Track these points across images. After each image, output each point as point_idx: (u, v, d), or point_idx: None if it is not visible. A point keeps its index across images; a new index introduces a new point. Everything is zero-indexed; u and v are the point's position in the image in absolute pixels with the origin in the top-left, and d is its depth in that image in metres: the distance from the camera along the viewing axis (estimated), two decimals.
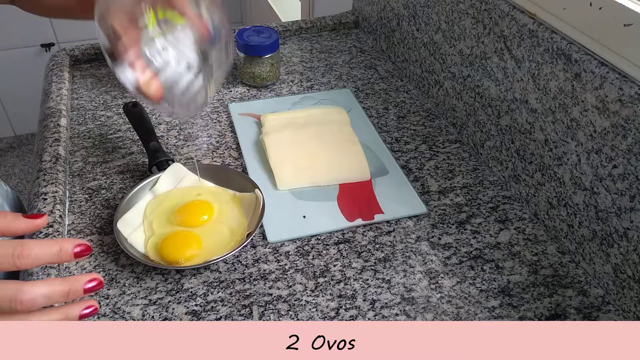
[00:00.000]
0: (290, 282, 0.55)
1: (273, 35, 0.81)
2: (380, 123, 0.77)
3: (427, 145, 0.73)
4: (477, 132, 0.71)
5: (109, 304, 0.53)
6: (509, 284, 0.55)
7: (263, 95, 0.83)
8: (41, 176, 0.64)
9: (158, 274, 0.56)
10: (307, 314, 0.52)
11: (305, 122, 0.75)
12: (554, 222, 0.60)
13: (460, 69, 0.72)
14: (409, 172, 0.69)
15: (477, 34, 0.67)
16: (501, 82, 0.64)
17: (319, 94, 0.83)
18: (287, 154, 0.69)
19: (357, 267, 0.57)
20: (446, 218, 0.63)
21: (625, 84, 0.49)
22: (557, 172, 0.58)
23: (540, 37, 0.57)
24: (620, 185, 0.50)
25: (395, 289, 0.55)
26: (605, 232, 0.53)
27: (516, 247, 0.59)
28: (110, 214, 0.62)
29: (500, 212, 0.64)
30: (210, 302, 0.53)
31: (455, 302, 0.54)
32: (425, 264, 0.57)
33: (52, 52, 0.91)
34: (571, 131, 0.55)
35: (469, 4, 0.67)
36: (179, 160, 0.69)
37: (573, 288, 0.55)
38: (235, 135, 0.74)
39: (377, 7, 0.93)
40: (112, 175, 0.67)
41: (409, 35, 0.84)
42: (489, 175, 0.69)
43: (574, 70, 0.53)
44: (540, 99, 0.59)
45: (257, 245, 0.59)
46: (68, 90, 0.81)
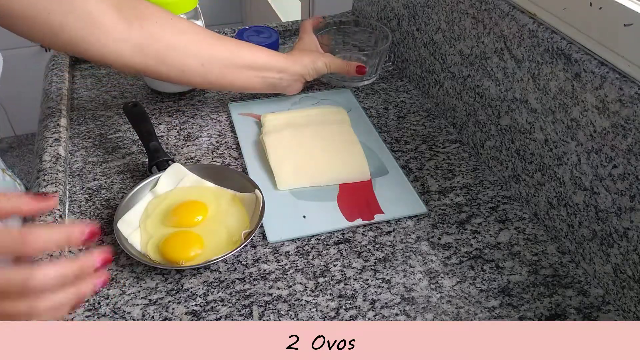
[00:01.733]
0: (290, 282, 0.55)
1: (273, 35, 0.81)
2: (380, 123, 0.77)
3: (427, 145, 0.73)
4: (477, 132, 0.71)
5: (109, 304, 0.53)
6: (509, 284, 0.55)
7: (263, 95, 0.83)
8: (41, 176, 0.64)
9: (158, 274, 0.56)
10: (307, 314, 0.52)
11: (305, 122, 0.75)
12: (554, 222, 0.60)
13: (460, 69, 0.72)
14: (409, 172, 0.69)
15: (477, 34, 0.67)
16: (501, 82, 0.64)
17: (319, 94, 0.83)
18: (287, 154, 0.69)
19: (357, 267, 0.57)
20: (446, 218, 0.63)
21: (625, 84, 0.49)
22: (557, 172, 0.58)
23: (540, 37, 0.57)
24: (620, 185, 0.50)
25: (395, 289, 0.55)
26: (605, 232, 0.53)
27: (516, 247, 0.59)
28: (110, 214, 0.62)
29: (500, 212, 0.64)
30: (210, 302, 0.53)
31: (455, 302, 0.54)
32: (425, 264, 0.57)
33: (52, 52, 0.91)
34: (571, 131, 0.55)
35: (469, 4, 0.67)
36: (179, 160, 0.69)
37: (573, 288, 0.55)
38: (235, 135, 0.74)
39: (377, 7, 0.93)
40: (112, 175, 0.67)
41: (409, 35, 0.84)
42: (489, 175, 0.69)
43: (574, 70, 0.53)
44: (540, 99, 0.59)
45: (257, 245, 0.59)
46: (68, 90, 0.81)
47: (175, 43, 0.64)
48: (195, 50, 0.66)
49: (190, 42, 0.65)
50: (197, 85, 0.76)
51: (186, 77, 0.67)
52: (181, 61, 0.65)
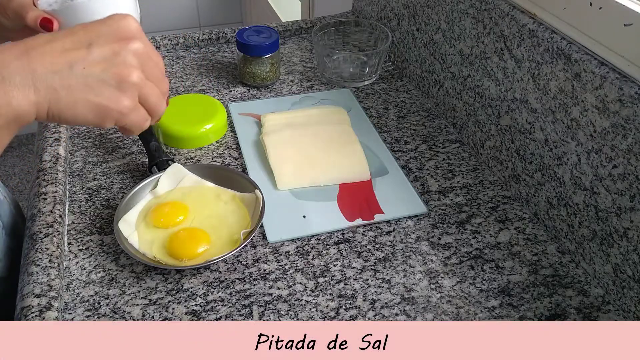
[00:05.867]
0: (290, 282, 0.55)
1: (273, 35, 0.81)
2: (380, 123, 0.77)
3: (427, 145, 0.73)
4: (477, 132, 0.71)
5: (109, 304, 0.53)
6: (509, 284, 0.55)
7: (263, 95, 0.83)
8: (41, 176, 0.64)
9: (158, 273, 0.56)
10: (307, 314, 0.52)
11: (305, 122, 0.75)
12: (554, 222, 0.60)
13: (460, 68, 0.72)
14: (409, 172, 0.69)
15: (477, 34, 0.67)
16: (501, 82, 0.64)
17: (319, 94, 0.83)
18: (287, 154, 0.69)
19: (357, 267, 0.57)
20: (446, 218, 0.63)
21: (625, 84, 0.49)
22: (557, 172, 0.58)
23: (540, 37, 0.57)
24: (620, 185, 0.50)
25: (395, 289, 0.55)
26: (605, 232, 0.53)
27: (516, 247, 0.59)
28: (110, 214, 0.62)
29: (500, 212, 0.64)
30: (210, 302, 0.53)
31: (455, 302, 0.54)
32: (425, 264, 0.57)
33: None
34: (571, 131, 0.55)
35: (469, 4, 0.67)
36: (178, 161, 0.69)
37: (573, 288, 0.55)
38: (235, 135, 0.74)
39: (377, 7, 0.93)
40: (112, 175, 0.67)
41: (409, 35, 0.84)
42: (489, 175, 0.69)
43: (574, 70, 0.53)
44: (540, 99, 0.59)
45: (257, 245, 0.59)
46: None
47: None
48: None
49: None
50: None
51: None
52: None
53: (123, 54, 0.39)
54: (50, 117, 0.38)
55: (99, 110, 0.39)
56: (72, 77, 0.38)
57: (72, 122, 0.39)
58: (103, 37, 0.39)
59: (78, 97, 0.38)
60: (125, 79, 0.39)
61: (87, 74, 0.38)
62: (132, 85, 0.40)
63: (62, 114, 0.38)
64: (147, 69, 0.41)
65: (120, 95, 0.39)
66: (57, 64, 0.37)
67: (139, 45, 0.40)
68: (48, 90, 0.37)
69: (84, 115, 0.39)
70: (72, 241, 0.59)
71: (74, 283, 0.55)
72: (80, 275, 0.55)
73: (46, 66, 0.37)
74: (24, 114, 0.37)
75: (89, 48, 0.39)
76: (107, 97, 0.39)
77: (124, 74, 0.39)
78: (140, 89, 0.41)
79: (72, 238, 0.59)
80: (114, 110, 0.40)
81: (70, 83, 0.38)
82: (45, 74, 0.37)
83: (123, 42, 0.40)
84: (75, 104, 0.38)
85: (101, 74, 0.39)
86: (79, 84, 0.38)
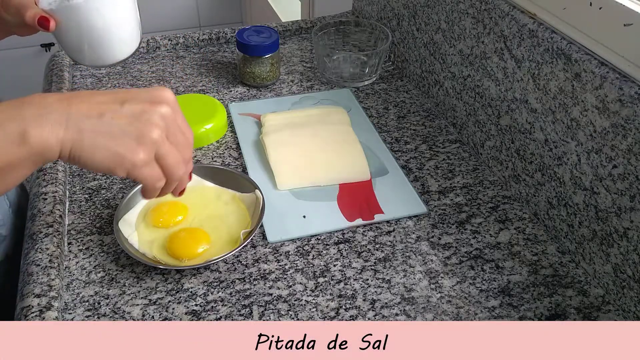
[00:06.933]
0: (290, 282, 0.55)
1: (273, 35, 0.81)
2: (380, 123, 0.77)
3: (427, 145, 0.73)
4: (477, 132, 0.71)
5: (109, 304, 0.53)
6: (509, 284, 0.55)
7: (263, 95, 0.83)
8: (41, 176, 0.64)
9: (158, 273, 0.56)
10: (307, 314, 0.52)
11: (305, 122, 0.75)
12: (554, 222, 0.60)
13: (460, 68, 0.72)
14: (409, 172, 0.69)
15: (477, 34, 0.67)
16: (501, 82, 0.64)
17: (319, 94, 0.83)
18: (287, 154, 0.69)
19: (357, 267, 0.57)
20: (446, 218, 0.63)
21: (625, 84, 0.49)
22: (557, 172, 0.58)
23: (540, 37, 0.57)
24: (620, 185, 0.50)
25: (395, 289, 0.55)
26: (605, 232, 0.53)
27: (516, 247, 0.59)
28: (110, 214, 0.62)
29: (500, 212, 0.64)
30: (210, 302, 0.53)
31: (455, 302, 0.54)
32: (425, 264, 0.57)
33: (52, 52, 0.91)
34: (571, 131, 0.55)
35: (469, 4, 0.67)
36: None
37: (573, 288, 0.55)
38: (235, 135, 0.74)
39: (377, 7, 0.93)
40: (112, 175, 0.67)
41: (409, 35, 0.84)
42: (489, 175, 0.69)
43: (574, 70, 0.53)
44: (540, 99, 0.59)
45: (257, 245, 0.59)
46: (68, 90, 0.81)
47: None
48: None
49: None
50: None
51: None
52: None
53: (150, 113, 0.43)
54: (71, 158, 0.41)
55: (114, 157, 0.41)
56: (100, 124, 0.41)
57: (90, 165, 0.41)
58: (138, 98, 0.43)
59: (99, 142, 0.41)
60: (145, 134, 0.42)
61: (113, 124, 0.41)
62: (151, 141, 0.42)
63: (82, 155, 0.41)
64: (171, 132, 0.44)
65: (137, 147, 0.42)
66: (91, 110, 0.41)
67: (167, 109, 0.44)
68: (75, 131, 0.40)
69: (100, 160, 0.41)
70: (72, 241, 0.59)
71: (74, 283, 0.55)
72: (80, 275, 0.55)
73: (81, 111, 0.41)
74: (50, 149, 0.40)
75: (122, 104, 0.42)
76: (125, 147, 0.41)
77: (145, 129, 0.42)
78: (158, 147, 0.43)
79: (72, 238, 0.59)
80: (128, 160, 0.42)
81: (96, 128, 0.41)
82: (78, 117, 0.40)
83: (154, 105, 0.43)
84: (96, 148, 0.41)
85: (125, 126, 0.42)
86: (104, 131, 0.41)
